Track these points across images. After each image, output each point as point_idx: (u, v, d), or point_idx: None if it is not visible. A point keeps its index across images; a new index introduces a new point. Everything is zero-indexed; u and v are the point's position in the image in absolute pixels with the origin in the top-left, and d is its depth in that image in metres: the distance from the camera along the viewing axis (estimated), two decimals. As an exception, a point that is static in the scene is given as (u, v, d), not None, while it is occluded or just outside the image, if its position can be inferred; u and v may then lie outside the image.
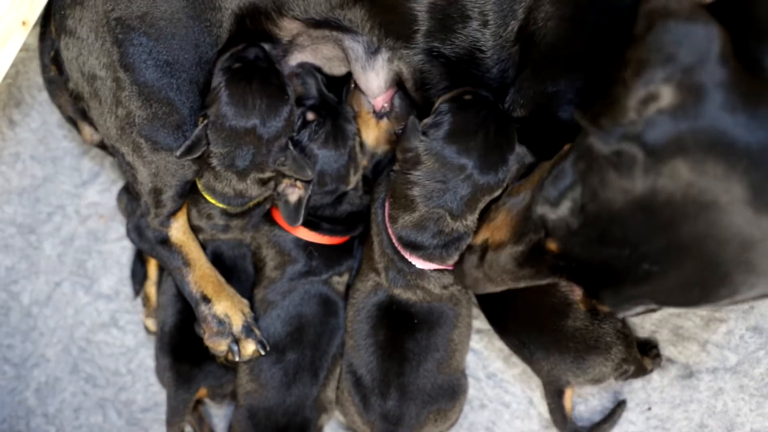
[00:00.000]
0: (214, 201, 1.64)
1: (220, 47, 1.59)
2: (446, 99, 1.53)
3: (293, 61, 1.71)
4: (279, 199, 1.65)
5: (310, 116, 1.66)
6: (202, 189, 1.64)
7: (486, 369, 1.85)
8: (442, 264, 1.56)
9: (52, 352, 1.91)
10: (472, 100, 1.51)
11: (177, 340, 1.74)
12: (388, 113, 1.70)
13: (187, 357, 1.73)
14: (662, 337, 1.75)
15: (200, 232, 1.73)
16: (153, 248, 1.69)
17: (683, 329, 1.74)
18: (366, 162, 1.74)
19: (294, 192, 1.63)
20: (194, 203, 1.69)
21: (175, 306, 1.74)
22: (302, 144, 1.65)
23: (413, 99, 1.68)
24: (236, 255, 1.76)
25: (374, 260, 1.64)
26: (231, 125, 1.54)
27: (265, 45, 1.65)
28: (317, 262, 1.70)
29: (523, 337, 1.69)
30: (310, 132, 1.65)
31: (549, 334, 1.64)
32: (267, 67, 1.59)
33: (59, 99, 1.75)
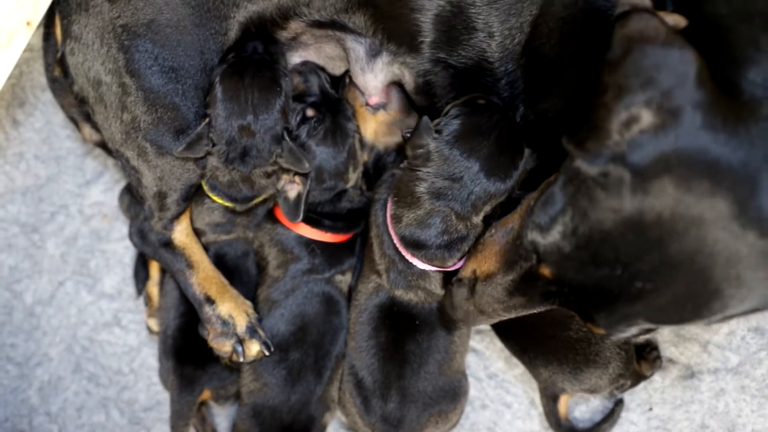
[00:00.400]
0: (219, 200, 1.65)
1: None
2: (459, 102, 1.54)
3: (297, 58, 1.71)
4: (279, 196, 1.66)
5: (310, 113, 1.67)
6: (208, 189, 1.65)
7: (487, 369, 1.86)
8: (443, 265, 1.56)
9: (55, 351, 1.92)
10: (485, 105, 1.52)
11: (180, 343, 1.74)
12: (384, 105, 1.71)
13: (191, 359, 1.73)
14: (663, 338, 1.75)
15: (203, 235, 1.74)
16: (156, 251, 1.70)
17: (684, 330, 1.74)
18: (366, 156, 1.74)
19: (293, 188, 1.64)
20: (198, 203, 1.70)
21: (178, 309, 1.75)
22: (301, 140, 1.65)
23: (413, 101, 1.68)
24: (239, 256, 1.77)
25: (375, 262, 1.64)
26: (228, 122, 1.55)
27: (268, 42, 1.65)
28: (320, 260, 1.70)
29: (524, 344, 1.71)
30: (309, 128, 1.66)
31: (550, 344, 1.66)
32: (260, 59, 1.59)
33: (62, 98, 1.76)
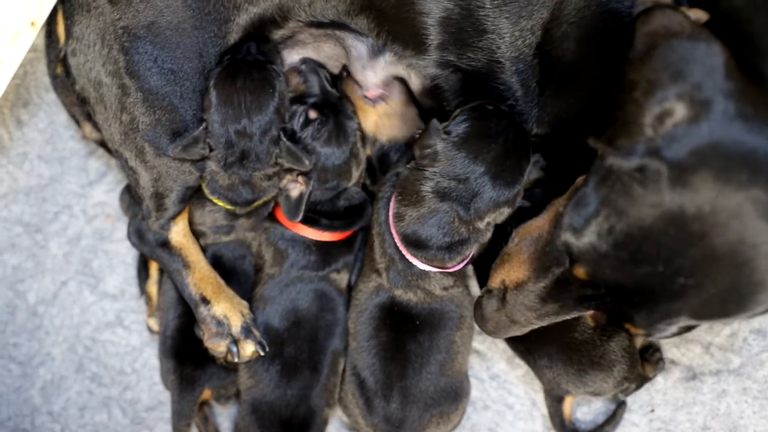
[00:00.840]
0: (220, 203, 1.65)
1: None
2: (467, 107, 1.54)
3: (295, 56, 1.71)
4: (281, 194, 1.66)
5: (313, 114, 1.66)
6: (208, 193, 1.65)
7: (489, 370, 1.86)
8: (442, 267, 1.56)
9: (58, 351, 1.92)
10: (493, 110, 1.52)
11: (179, 343, 1.74)
12: (384, 97, 1.70)
13: (191, 359, 1.73)
14: (665, 340, 1.75)
15: (202, 237, 1.74)
16: (153, 251, 1.71)
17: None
18: (369, 150, 1.75)
19: (296, 187, 1.64)
20: (199, 206, 1.70)
21: (177, 309, 1.75)
22: (305, 142, 1.65)
23: (418, 103, 1.68)
24: (236, 257, 1.77)
25: (375, 261, 1.64)
26: (223, 127, 1.56)
27: (262, 41, 1.64)
28: (315, 258, 1.70)
29: (529, 345, 1.71)
30: (313, 130, 1.66)
31: (555, 345, 1.66)
32: (252, 61, 1.59)
33: (64, 96, 1.77)
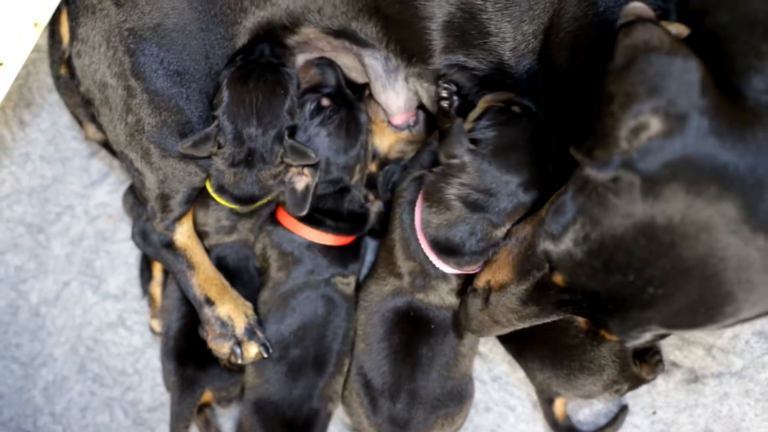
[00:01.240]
0: (224, 202, 1.65)
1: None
2: (494, 108, 1.51)
3: (309, 56, 1.71)
4: (286, 188, 1.64)
5: (325, 102, 1.66)
6: (213, 191, 1.65)
7: (491, 372, 1.86)
8: (471, 270, 1.54)
9: (60, 352, 1.92)
10: (520, 113, 1.50)
11: (182, 344, 1.75)
12: (413, 126, 1.70)
13: (192, 361, 1.73)
14: (667, 342, 1.75)
15: (206, 238, 1.74)
16: (157, 252, 1.71)
17: (688, 334, 1.74)
18: (375, 167, 1.74)
19: (301, 180, 1.63)
20: (202, 205, 1.71)
21: (180, 310, 1.75)
22: (311, 130, 1.64)
23: (432, 114, 1.69)
24: (241, 258, 1.77)
25: (396, 265, 1.63)
26: (233, 125, 1.56)
27: (276, 45, 1.65)
28: (322, 263, 1.70)
29: (521, 347, 1.72)
30: (324, 117, 1.65)
31: (546, 348, 1.67)
32: (266, 63, 1.60)
33: (67, 96, 1.77)
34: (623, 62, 1.12)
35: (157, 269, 1.86)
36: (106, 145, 1.81)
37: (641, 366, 1.71)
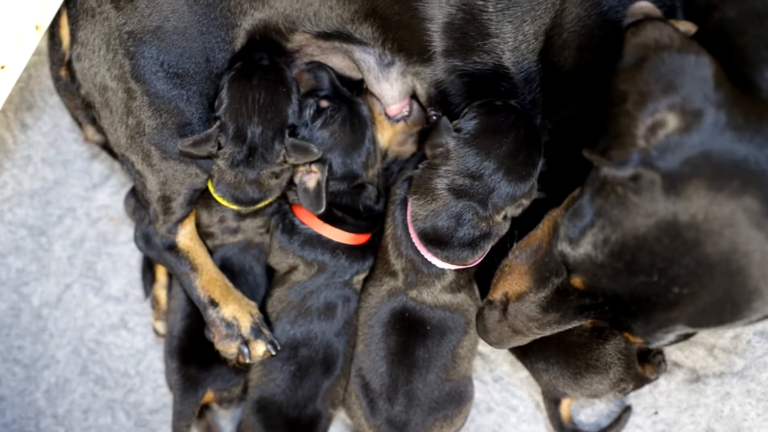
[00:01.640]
0: (226, 203, 1.66)
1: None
2: (476, 104, 1.55)
3: (301, 64, 1.72)
4: (299, 189, 1.63)
5: (324, 103, 1.66)
6: (215, 193, 1.65)
7: (493, 372, 1.86)
8: (463, 264, 1.56)
9: (62, 354, 1.92)
10: (502, 106, 1.53)
11: (185, 344, 1.75)
12: (406, 117, 1.71)
13: (196, 360, 1.73)
14: (669, 342, 1.75)
15: (210, 238, 1.74)
16: (160, 255, 1.71)
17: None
18: (379, 162, 1.74)
19: (311, 177, 1.63)
20: (206, 206, 1.71)
21: (184, 310, 1.75)
22: (316, 133, 1.64)
23: (425, 111, 1.69)
24: (245, 258, 1.77)
25: (390, 263, 1.64)
26: (234, 124, 1.57)
27: (274, 53, 1.66)
28: (342, 263, 1.68)
29: (525, 347, 1.70)
30: (326, 117, 1.65)
31: (551, 348, 1.66)
32: (267, 65, 1.60)
33: (67, 98, 1.77)
34: (634, 61, 1.12)
35: (161, 272, 1.86)
36: (106, 147, 1.81)
37: (644, 366, 1.71)
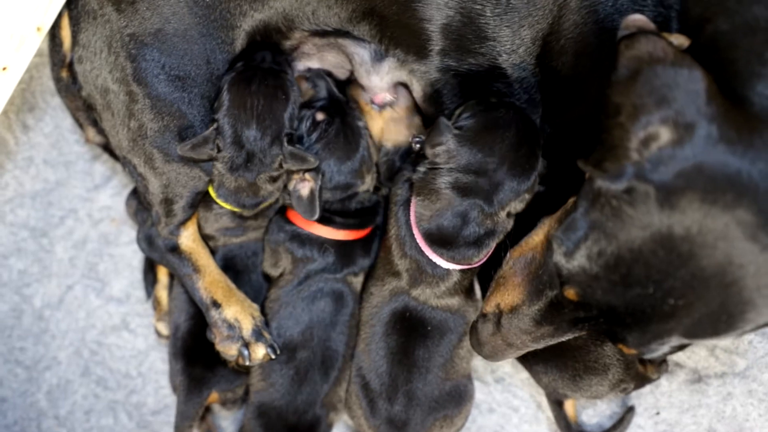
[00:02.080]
0: (227, 205, 1.66)
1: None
2: (471, 103, 1.55)
3: (300, 67, 1.72)
4: (292, 196, 1.65)
5: (320, 116, 1.67)
6: (216, 195, 1.66)
7: (494, 373, 1.86)
8: (468, 263, 1.56)
9: (64, 355, 1.92)
10: (497, 102, 1.54)
11: (190, 345, 1.75)
12: (391, 103, 1.71)
13: (200, 361, 1.74)
14: (671, 342, 1.75)
15: (212, 240, 1.74)
16: (163, 257, 1.71)
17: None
18: (376, 156, 1.74)
19: (305, 185, 1.64)
20: (207, 208, 1.71)
21: (188, 311, 1.75)
22: (311, 144, 1.66)
23: (419, 108, 1.69)
24: (248, 258, 1.77)
25: (393, 263, 1.64)
26: (233, 128, 1.57)
27: (276, 52, 1.66)
28: (333, 260, 1.69)
29: None
30: (321, 131, 1.66)
31: (549, 350, 1.64)
32: (268, 69, 1.61)
33: (68, 99, 1.77)
34: (628, 74, 1.12)
35: (162, 272, 1.86)
36: (107, 149, 1.81)
37: (645, 366, 1.71)
